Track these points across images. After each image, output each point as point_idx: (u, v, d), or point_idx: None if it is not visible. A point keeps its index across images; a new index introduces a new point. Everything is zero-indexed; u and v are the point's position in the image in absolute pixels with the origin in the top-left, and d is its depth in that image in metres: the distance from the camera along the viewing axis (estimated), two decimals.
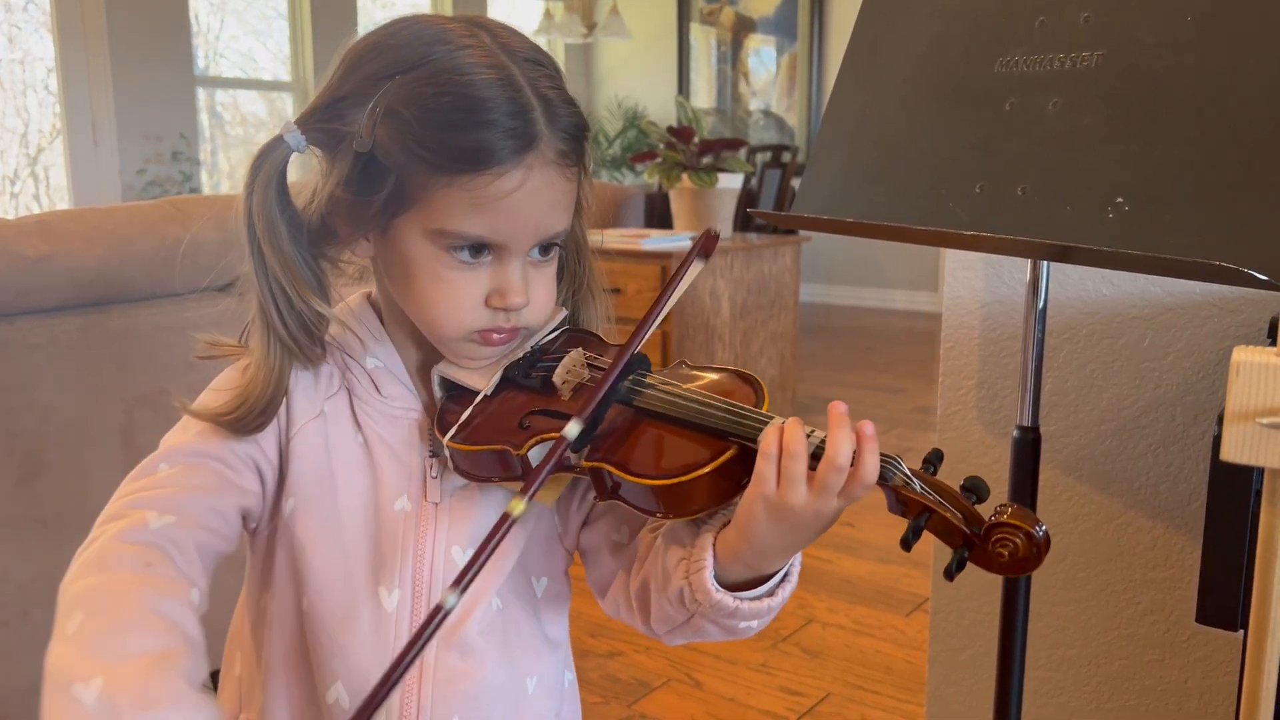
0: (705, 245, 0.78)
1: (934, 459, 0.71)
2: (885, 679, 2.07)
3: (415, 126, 0.71)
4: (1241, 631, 0.76)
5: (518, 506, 0.68)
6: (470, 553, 0.78)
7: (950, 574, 0.67)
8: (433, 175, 0.72)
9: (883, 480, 0.69)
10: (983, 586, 1.47)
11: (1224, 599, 0.83)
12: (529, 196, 0.73)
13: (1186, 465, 1.29)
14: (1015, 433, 1.14)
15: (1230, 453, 0.51)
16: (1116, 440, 1.34)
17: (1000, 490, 1.38)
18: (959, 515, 0.68)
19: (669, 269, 3.23)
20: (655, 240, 3.39)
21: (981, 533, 0.68)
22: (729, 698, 2.00)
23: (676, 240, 3.41)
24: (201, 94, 5.46)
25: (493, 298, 0.76)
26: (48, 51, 4.92)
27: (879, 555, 2.67)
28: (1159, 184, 0.88)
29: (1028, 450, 1.13)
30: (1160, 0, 0.92)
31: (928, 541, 1.51)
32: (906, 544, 0.68)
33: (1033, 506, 1.14)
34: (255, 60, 5.81)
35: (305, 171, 0.79)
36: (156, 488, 0.74)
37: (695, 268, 0.78)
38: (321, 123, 0.74)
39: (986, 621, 1.47)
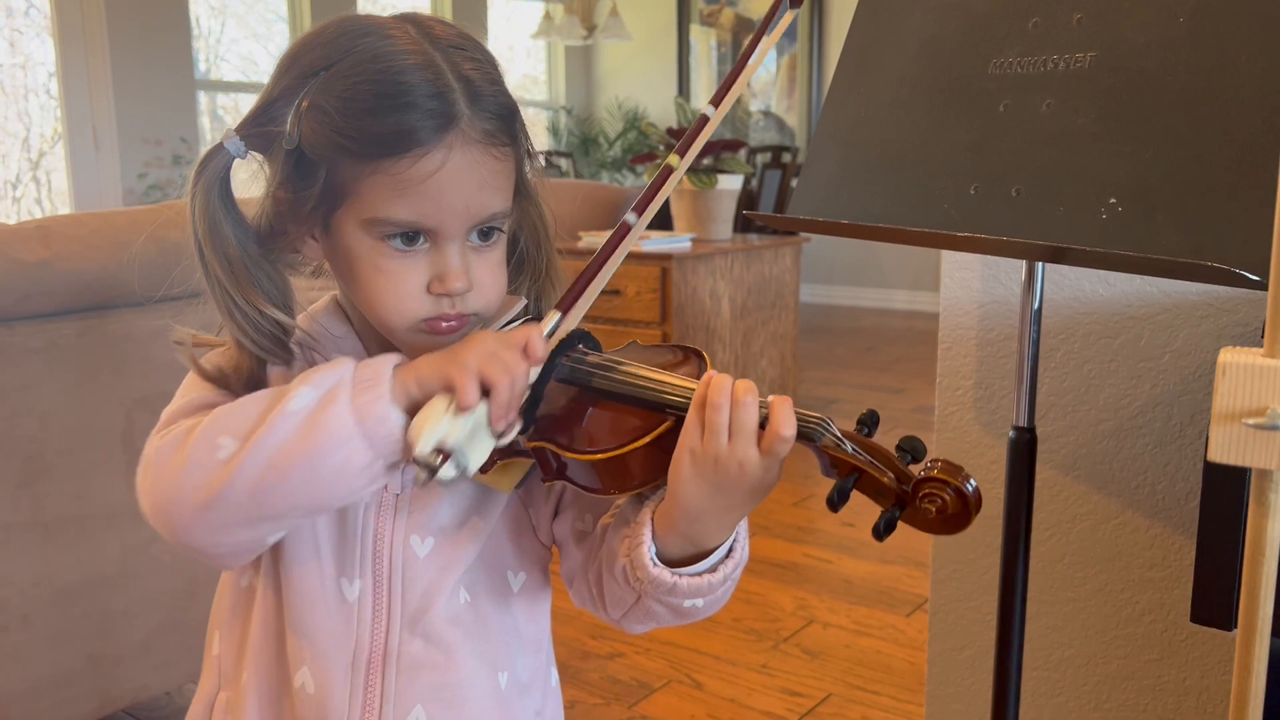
0: None
1: (868, 420, 0.71)
2: (886, 679, 2.08)
3: (336, 117, 0.72)
4: (1236, 631, 0.76)
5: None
6: (431, 542, 0.80)
7: (879, 533, 0.68)
8: (358, 164, 0.72)
9: (811, 441, 0.69)
10: (983, 586, 1.47)
11: (1218, 599, 0.84)
12: (453, 176, 0.73)
13: (1184, 464, 1.29)
14: (1011, 433, 1.14)
15: (1217, 453, 0.51)
16: (1114, 440, 1.34)
17: (999, 491, 1.39)
18: (890, 475, 0.68)
19: (670, 271, 3.24)
20: (655, 242, 3.39)
21: (910, 489, 0.67)
22: (729, 699, 2.00)
23: (676, 242, 3.41)
24: (202, 97, 5.47)
25: (434, 284, 0.76)
26: (49, 56, 4.93)
27: (879, 556, 2.67)
28: (1152, 184, 0.88)
29: (1024, 451, 1.13)
30: (1152, 1, 0.92)
31: (928, 541, 1.51)
32: (832, 504, 0.68)
33: (1029, 507, 1.14)
34: (256, 63, 5.83)
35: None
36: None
37: (785, 16, 0.76)
38: (257, 126, 0.76)
39: (985, 621, 1.47)
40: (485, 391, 0.68)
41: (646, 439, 0.71)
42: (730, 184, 3.54)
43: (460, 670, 0.81)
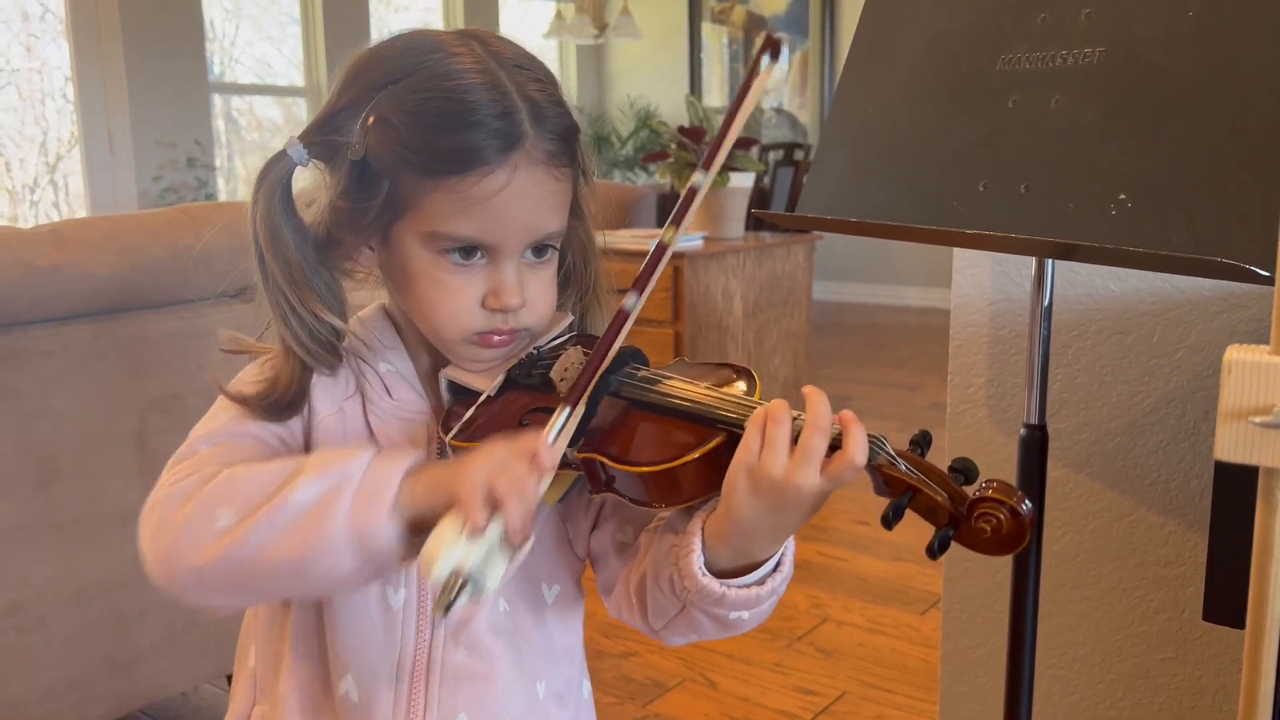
0: (771, 46, 0.75)
1: (921, 441, 0.71)
2: (901, 678, 2.07)
3: (404, 132, 0.73)
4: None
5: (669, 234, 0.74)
6: None
7: (933, 552, 0.67)
8: (423, 179, 0.73)
9: (868, 459, 0.69)
10: (995, 585, 1.47)
11: (1230, 597, 0.83)
12: (516, 196, 0.74)
13: (1198, 461, 1.28)
14: (1022, 431, 1.14)
15: (1224, 452, 0.51)
16: (1127, 437, 1.33)
17: None
18: (944, 494, 0.68)
19: (683, 269, 3.23)
20: None
21: (965, 510, 0.67)
22: (744, 697, 2.00)
23: (688, 240, 3.41)
24: (217, 100, 5.49)
25: (488, 299, 0.77)
26: (64, 60, 4.96)
27: (894, 554, 2.66)
28: (1162, 179, 0.88)
29: (1035, 448, 1.13)
30: None
31: None
32: (887, 522, 0.68)
33: (1041, 504, 1.13)
34: (270, 66, 5.85)
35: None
36: (202, 467, 0.75)
37: (765, 69, 0.75)
38: (321, 135, 0.77)
39: (999, 620, 1.46)
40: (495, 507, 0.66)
41: (697, 453, 0.70)
42: (742, 182, 3.53)
43: (501, 679, 0.81)
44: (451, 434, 0.78)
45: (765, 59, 0.74)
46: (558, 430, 0.72)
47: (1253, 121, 0.84)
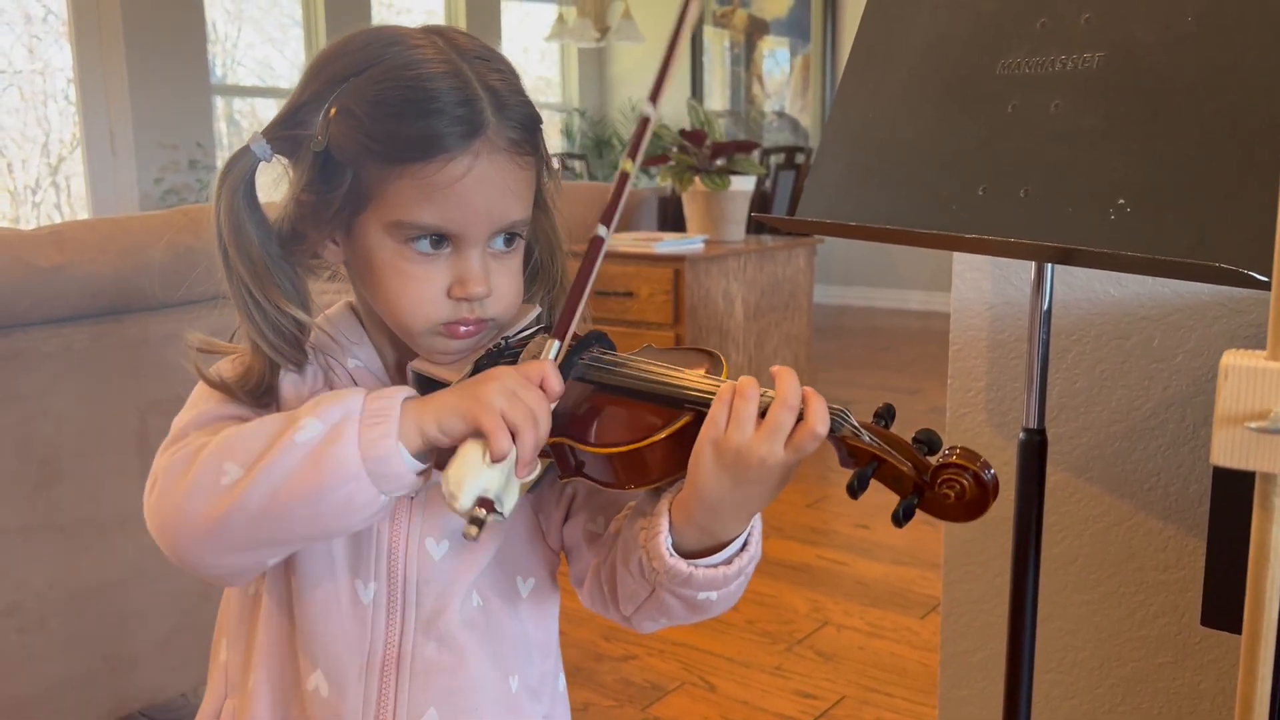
0: None
1: (885, 413, 0.72)
2: (900, 681, 2.07)
3: (366, 121, 0.73)
4: None
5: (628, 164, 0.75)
6: (446, 545, 0.80)
7: (898, 519, 0.68)
8: (385, 167, 0.74)
9: (831, 432, 0.69)
10: (995, 589, 1.47)
11: (1228, 602, 0.83)
12: (479, 183, 0.74)
13: (1197, 466, 1.28)
14: (1021, 435, 1.14)
15: (1220, 457, 0.51)
16: (1126, 441, 1.33)
17: (1010, 493, 1.38)
18: (908, 464, 0.68)
19: (683, 272, 3.23)
20: (668, 243, 3.39)
21: (929, 477, 0.68)
22: (743, 701, 2.00)
23: (690, 243, 3.41)
24: (218, 102, 5.50)
25: (454, 288, 0.77)
26: (67, 61, 4.97)
27: (893, 557, 2.66)
28: (1161, 184, 0.88)
29: (1034, 452, 1.13)
30: (1160, 0, 0.92)
31: (941, 542, 1.50)
32: (852, 491, 0.68)
33: (1040, 509, 1.13)
34: (272, 68, 5.86)
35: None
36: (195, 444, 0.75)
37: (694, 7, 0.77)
38: (285, 130, 0.77)
39: (998, 624, 1.46)
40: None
41: (665, 433, 0.71)
42: (743, 185, 3.53)
43: (472, 673, 0.81)
44: None
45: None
46: (554, 356, 0.74)
47: (1252, 126, 0.84)
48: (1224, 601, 0.82)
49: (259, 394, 0.79)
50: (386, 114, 0.73)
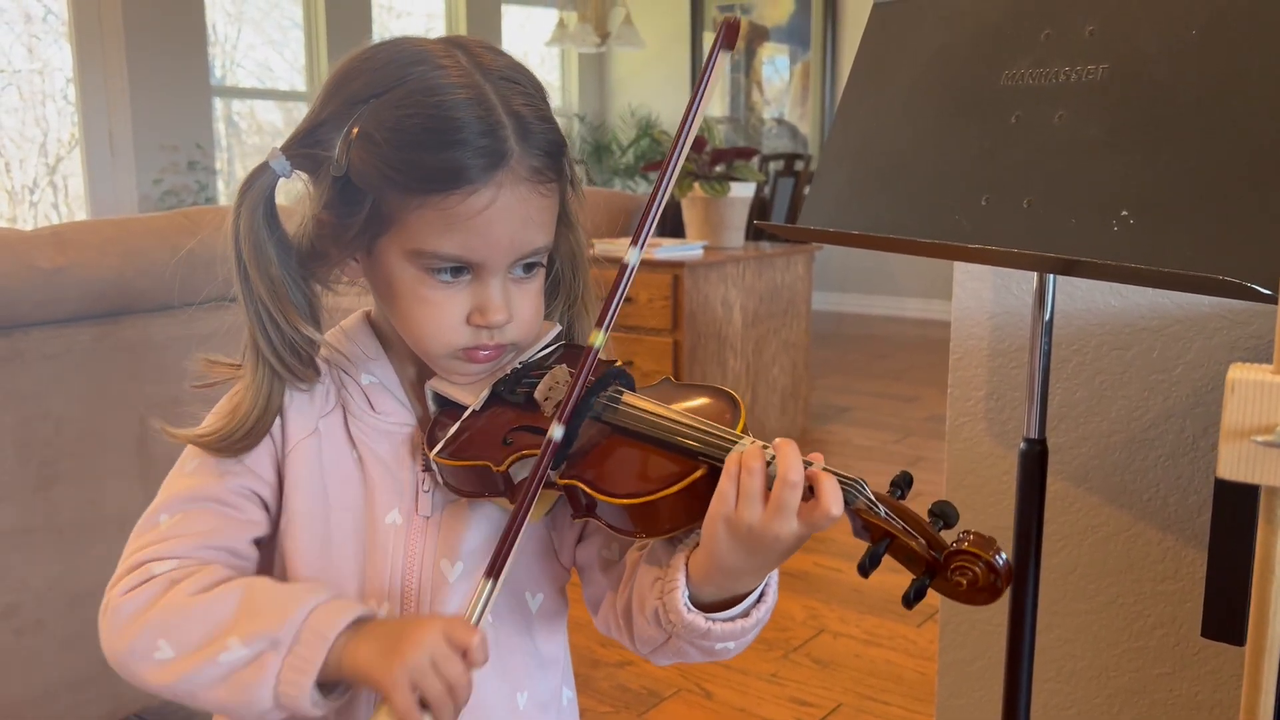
0: (727, 35, 0.76)
1: (901, 482, 0.71)
2: (896, 689, 2.07)
3: (386, 148, 0.72)
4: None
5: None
6: (460, 566, 0.79)
7: (909, 601, 0.67)
8: (406, 196, 0.73)
9: (845, 504, 0.68)
10: None
11: (1229, 613, 0.83)
12: (501, 214, 0.73)
13: (1196, 477, 1.28)
14: (1022, 445, 1.14)
15: (1226, 470, 0.51)
16: (1126, 452, 1.33)
17: (1010, 503, 1.38)
18: (921, 542, 0.68)
19: (682, 278, 3.24)
20: (668, 249, 3.39)
21: (942, 559, 0.67)
22: (739, 708, 2.00)
23: (688, 249, 3.42)
24: (218, 103, 5.50)
25: (474, 316, 0.76)
26: (66, 61, 4.97)
27: (890, 565, 2.65)
28: (1163, 196, 0.88)
29: (1034, 462, 1.13)
30: (1164, 12, 0.92)
31: None
32: (863, 570, 0.68)
33: (1040, 519, 1.13)
34: (271, 70, 5.86)
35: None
36: (159, 541, 0.77)
37: (722, 60, 0.76)
38: (304, 147, 0.76)
39: (996, 633, 1.46)
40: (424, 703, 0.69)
41: (678, 486, 0.70)
42: (742, 191, 3.54)
43: (482, 690, 0.81)
44: (436, 449, 0.77)
45: (718, 48, 0.76)
46: (482, 606, 0.72)
47: (1255, 139, 0.84)
48: (1224, 613, 0.82)
49: (246, 433, 0.78)
50: (408, 142, 0.72)
